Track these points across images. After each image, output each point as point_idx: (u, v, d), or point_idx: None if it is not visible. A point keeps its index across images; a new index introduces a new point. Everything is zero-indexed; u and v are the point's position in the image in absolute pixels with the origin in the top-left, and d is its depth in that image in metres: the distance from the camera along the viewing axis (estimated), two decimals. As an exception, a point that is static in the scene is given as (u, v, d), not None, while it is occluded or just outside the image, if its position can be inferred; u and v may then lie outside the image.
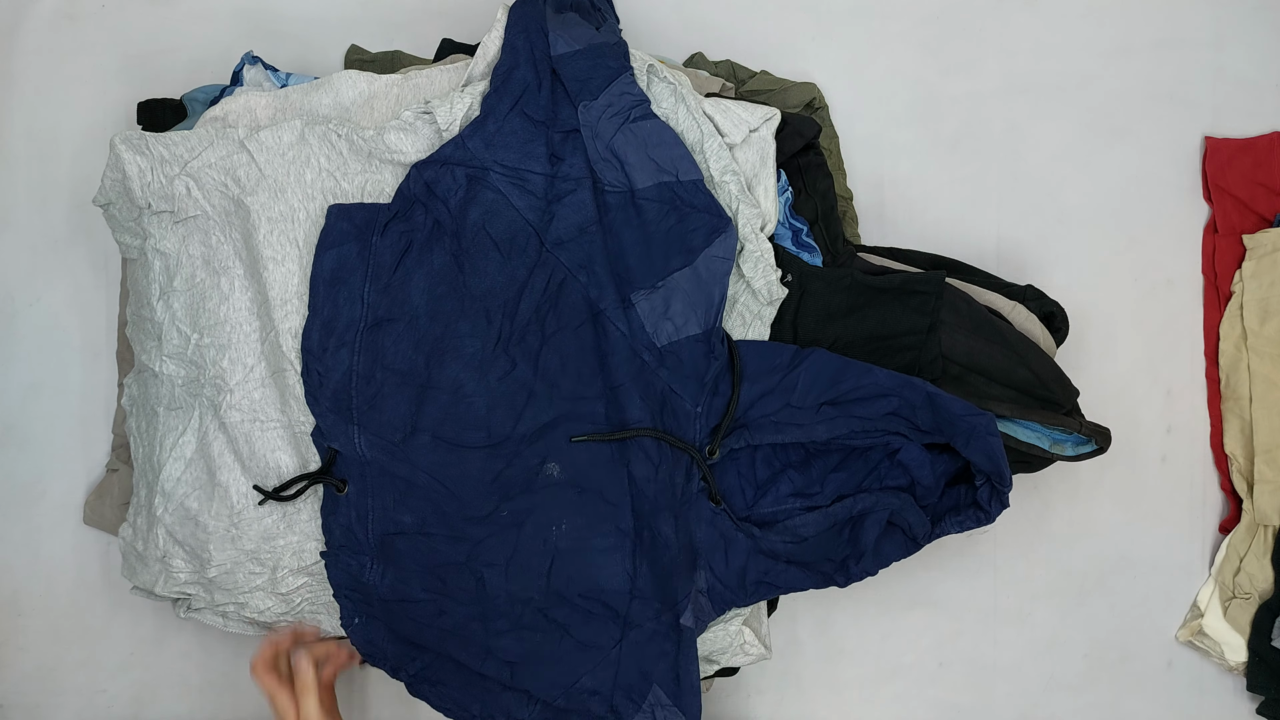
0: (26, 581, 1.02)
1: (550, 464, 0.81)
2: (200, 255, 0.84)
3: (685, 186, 0.80)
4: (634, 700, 0.81)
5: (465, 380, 0.81)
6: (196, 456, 0.85)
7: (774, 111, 0.84)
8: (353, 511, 0.83)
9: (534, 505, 0.82)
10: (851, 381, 0.80)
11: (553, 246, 0.81)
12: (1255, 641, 1.00)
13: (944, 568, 1.03)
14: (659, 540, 0.80)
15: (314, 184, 0.82)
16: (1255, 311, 1.01)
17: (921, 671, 1.04)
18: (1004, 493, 0.80)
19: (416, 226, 0.82)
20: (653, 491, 0.80)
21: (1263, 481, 0.99)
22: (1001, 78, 1.04)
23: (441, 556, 0.82)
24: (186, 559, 0.86)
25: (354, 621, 0.85)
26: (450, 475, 0.82)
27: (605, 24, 0.83)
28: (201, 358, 0.84)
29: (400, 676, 0.86)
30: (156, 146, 0.82)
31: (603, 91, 0.79)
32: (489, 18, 0.96)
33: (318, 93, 0.85)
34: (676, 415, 0.81)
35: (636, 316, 0.80)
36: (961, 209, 1.04)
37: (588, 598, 0.81)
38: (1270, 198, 1.03)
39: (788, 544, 0.82)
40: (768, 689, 1.04)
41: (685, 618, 0.81)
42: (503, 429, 0.81)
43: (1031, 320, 0.90)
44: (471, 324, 0.81)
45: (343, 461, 0.83)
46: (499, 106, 0.81)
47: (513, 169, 0.81)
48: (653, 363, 0.80)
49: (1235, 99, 1.05)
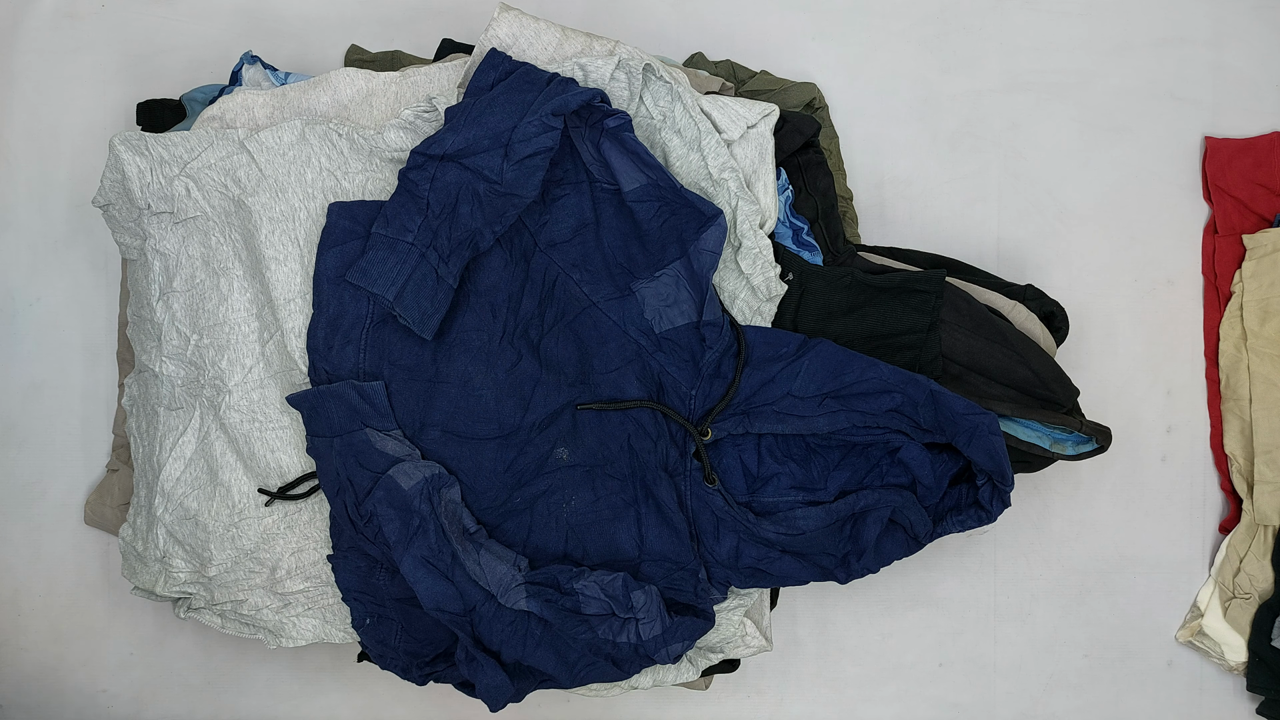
0: (27, 581, 1.02)
1: (560, 449, 0.83)
2: (200, 256, 0.84)
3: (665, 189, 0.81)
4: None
5: (473, 374, 0.82)
6: (196, 456, 0.85)
7: (772, 107, 0.84)
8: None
9: (545, 488, 0.83)
10: (855, 374, 0.81)
11: (546, 248, 0.82)
12: (1255, 641, 1.00)
13: (944, 567, 1.03)
14: (662, 508, 0.82)
15: (315, 183, 0.82)
16: (1255, 311, 1.01)
17: (921, 671, 1.04)
18: (1005, 492, 0.80)
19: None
20: (653, 463, 0.82)
21: (1263, 482, 0.99)
22: (1001, 76, 1.04)
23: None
24: (186, 558, 0.86)
25: (365, 623, 0.85)
26: (464, 467, 0.82)
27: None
28: (201, 358, 0.84)
29: (411, 677, 0.86)
30: (156, 147, 0.82)
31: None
32: (489, 18, 0.96)
33: (316, 91, 0.85)
34: (673, 397, 0.82)
35: (633, 305, 0.81)
36: (962, 208, 1.04)
37: (604, 563, 0.83)
38: (1270, 198, 1.02)
39: (782, 534, 0.82)
40: (768, 688, 1.04)
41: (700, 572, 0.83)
42: (512, 419, 0.82)
43: (1031, 319, 0.90)
44: (477, 318, 0.82)
45: (343, 461, 0.83)
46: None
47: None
48: (649, 347, 0.81)
49: (1235, 98, 1.05)
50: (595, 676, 0.83)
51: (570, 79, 0.79)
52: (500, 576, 0.80)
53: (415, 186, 0.79)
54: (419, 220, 0.79)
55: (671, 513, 0.83)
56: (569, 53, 0.83)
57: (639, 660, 0.83)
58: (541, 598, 0.80)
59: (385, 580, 0.84)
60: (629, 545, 0.84)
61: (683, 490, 0.83)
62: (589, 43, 0.83)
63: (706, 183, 0.82)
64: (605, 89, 0.81)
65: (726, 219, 0.81)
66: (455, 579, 0.79)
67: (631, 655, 0.82)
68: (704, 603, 0.84)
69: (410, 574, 0.78)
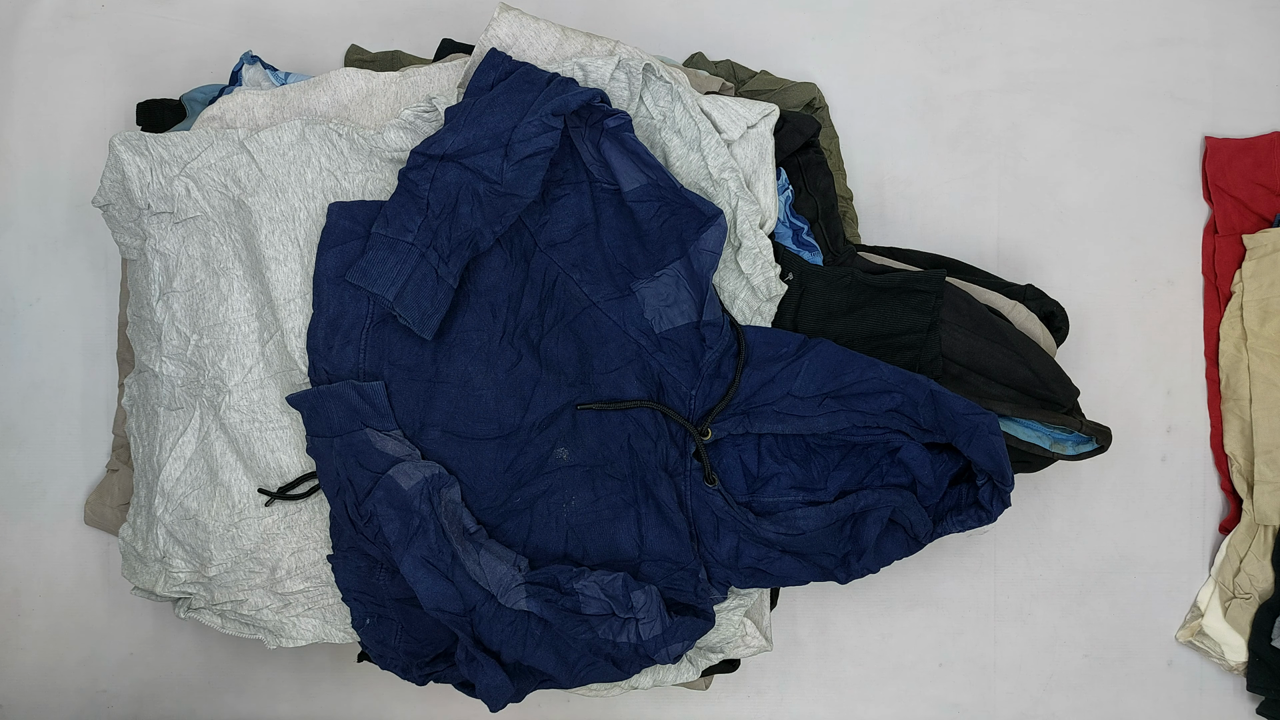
0: (27, 581, 1.02)
1: (560, 449, 0.83)
2: (200, 256, 0.84)
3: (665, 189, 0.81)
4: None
5: (473, 373, 0.82)
6: (196, 456, 0.85)
7: (772, 107, 0.84)
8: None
9: (545, 488, 0.83)
10: (855, 374, 0.81)
11: (546, 248, 0.82)
12: (1255, 641, 1.00)
13: (944, 567, 1.03)
14: (662, 508, 0.82)
15: (315, 183, 0.82)
16: (1255, 311, 1.01)
17: (921, 671, 1.04)
18: (1006, 492, 0.80)
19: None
20: (653, 463, 0.82)
21: (1263, 482, 0.99)
22: (1002, 76, 1.04)
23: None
24: (186, 558, 0.86)
25: (365, 623, 0.85)
26: (464, 468, 0.82)
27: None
28: (201, 358, 0.84)
29: (411, 677, 0.86)
30: (156, 147, 0.82)
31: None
32: (489, 18, 0.96)
33: (315, 90, 0.85)
34: (673, 397, 0.82)
35: (633, 305, 0.81)
36: (962, 208, 1.04)
37: (604, 563, 0.83)
38: (1270, 198, 1.02)
39: (782, 534, 0.82)
40: (768, 688, 1.04)
41: (700, 572, 0.83)
42: (512, 419, 0.83)
43: (1032, 319, 0.90)
44: (477, 318, 0.82)
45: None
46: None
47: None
48: (649, 347, 0.81)
49: (1235, 98, 1.05)
50: (595, 676, 0.83)
51: (570, 79, 0.79)
52: (500, 576, 0.80)
53: (415, 186, 0.79)
54: (419, 220, 0.79)
55: (671, 513, 0.83)
56: (569, 53, 0.83)
57: (639, 660, 0.83)
58: (541, 598, 0.80)
59: (385, 580, 0.84)
60: (629, 545, 0.84)
61: (683, 490, 0.83)
62: (589, 43, 0.83)
63: (706, 183, 0.82)
64: (605, 89, 0.81)
65: (726, 219, 0.81)
66: (455, 579, 0.79)
67: (631, 655, 0.82)
68: (704, 603, 0.84)
69: (410, 574, 0.78)
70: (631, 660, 0.83)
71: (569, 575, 0.81)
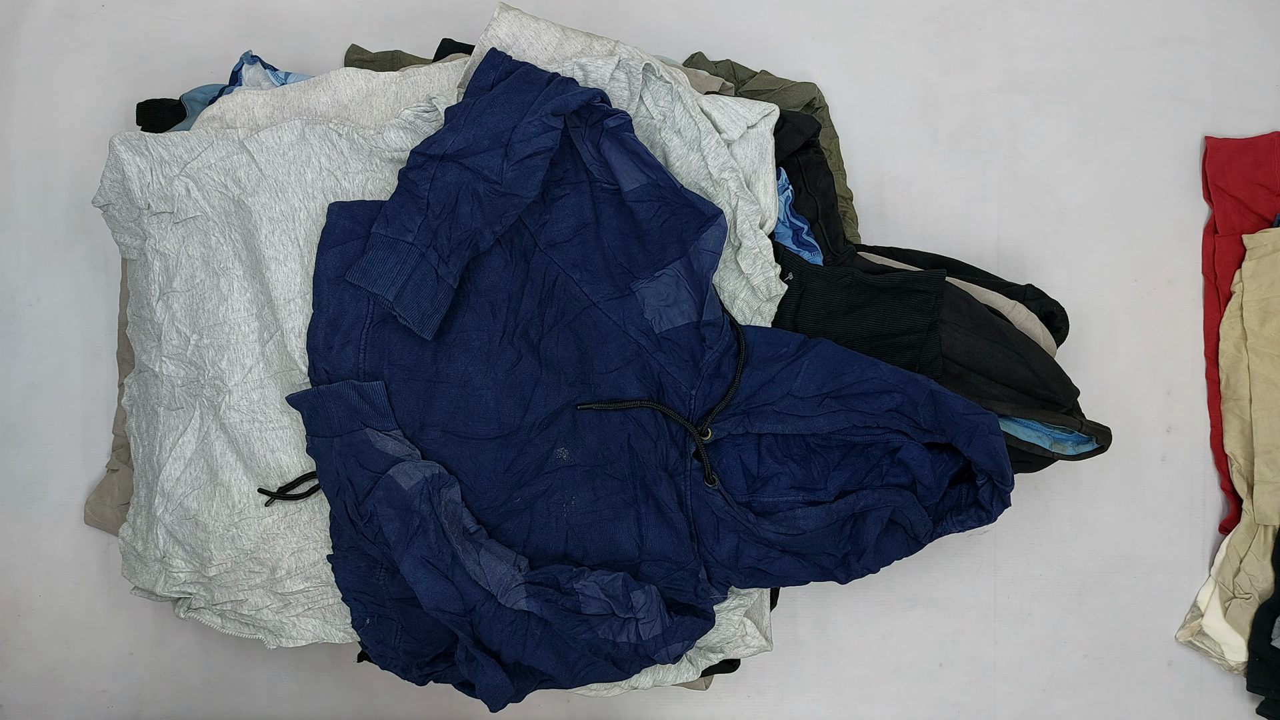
0: (27, 581, 1.02)
1: (560, 449, 0.83)
2: (200, 256, 0.84)
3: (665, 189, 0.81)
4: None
5: (473, 373, 0.82)
6: (196, 456, 0.85)
7: (772, 107, 0.84)
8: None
9: (545, 488, 0.83)
10: (855, 374, 0.81)
11: (546, 248, 0.82)
12: (1255, 641, 1.00)
13: (944, 567, 1.03)
14: (662, 508, 0.82)
15: (315, 183, 0.82)
16: (1255, 311, 1.01)
17: (921, 671, 1.04)
18: (1005, 492, 0.80)
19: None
20: (653, 463, 0.82)
21: (1263, 482, 0.99)
22: (1001, 76, 1.04)
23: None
24: (186, 558, 0.86)
25: (365, 623, 0.85)
26: (464, 468, 0.82)
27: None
28: (201, 358, 0.84)
29: (411, 677, 0.86)
30: (156, 147, 0.82)
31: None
32: (489, 18, 0.96)
33: (315, 90, 0.85)
34: (673, 397, 0.82)
35: (633, 305, 0.81)
36: (962, 208, 1.04)
37: (604, 563, 0.83)
38: (1270, 198, 1.03)
39: (782, 534, 0.82)
40: (768, 688, 1.04)
41: (700, 572, 0.83)
42: (512, 419, 0.83)
43: (1031, 319, 0.90)
44: (477, 318, 0.82)
45: (343, 461, 0.83)
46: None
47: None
48: (649, 347, 0.81)
49: (1235, 97, 1.05)
50: (595, 676, 0.83)
51: (570, 79, 0.79)
52: (500, 576, 0.80)
53: (415, 186, 0.79)
54: (419, 220, 0.79)
55: (671, 513, 0.83)
56: (569, 53, 0.83)
57: (639, 660, 0.83)
58: (541, 598, 0.80)
59: (385, 580, 0.84)
60: (629, 545, 0.84)
61: (683, 490, 0.83)
62: (589, 43, 0.83)
63: (706, 183, 0.82)
64: (605, 89, 0.81)
65: (726, 219, 0.81)
66: (455, 579, 0.79)
67: (631, 655, 0.82)
68: (704, 603, 0.84)
69: (410, 574, 0.78)
70: (631, 660, 0.83)
71: (569, 575, 0.81)
